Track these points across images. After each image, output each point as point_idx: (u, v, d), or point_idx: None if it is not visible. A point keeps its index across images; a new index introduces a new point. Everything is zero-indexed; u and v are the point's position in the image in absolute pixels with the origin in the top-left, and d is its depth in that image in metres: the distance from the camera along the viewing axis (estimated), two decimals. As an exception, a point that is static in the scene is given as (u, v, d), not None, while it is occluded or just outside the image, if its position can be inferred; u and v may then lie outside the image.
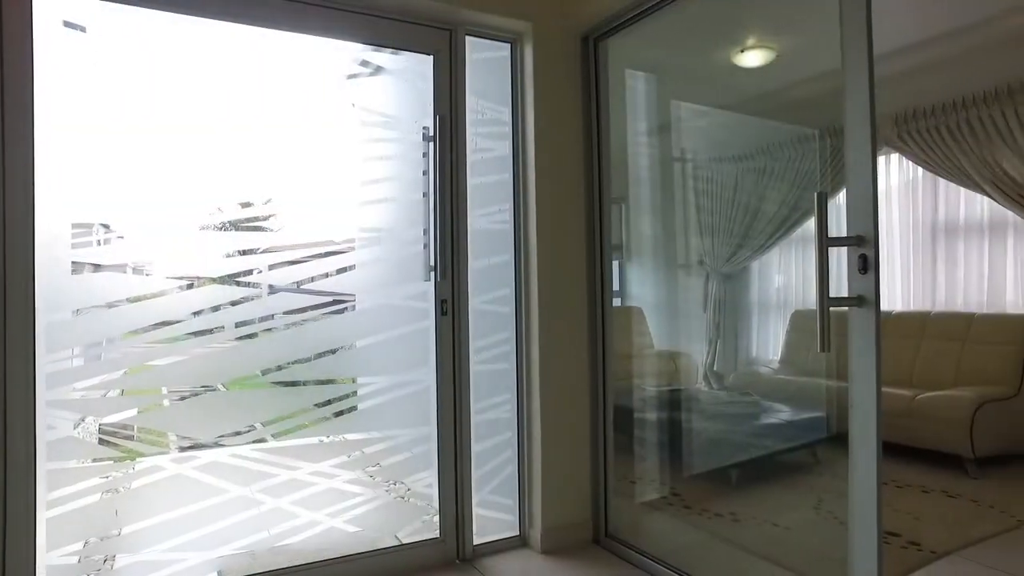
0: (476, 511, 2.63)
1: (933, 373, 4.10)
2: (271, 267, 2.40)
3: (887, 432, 3.99)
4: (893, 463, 3.69)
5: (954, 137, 4.66)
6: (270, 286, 2.38)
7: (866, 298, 1.67)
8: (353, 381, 2.64)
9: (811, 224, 5.26)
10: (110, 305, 2.13)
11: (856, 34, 1.69)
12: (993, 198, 4.47)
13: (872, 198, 1.66)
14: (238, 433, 2.34)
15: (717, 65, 4.60)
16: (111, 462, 2.13)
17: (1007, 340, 3.85)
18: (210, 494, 2.27)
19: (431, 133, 2.54)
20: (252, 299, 2.36)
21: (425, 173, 2.57)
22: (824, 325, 1.67)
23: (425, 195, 2.58)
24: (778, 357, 5.16)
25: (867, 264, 1.66)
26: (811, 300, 5.82)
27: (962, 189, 4.70)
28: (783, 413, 3.69)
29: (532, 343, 2.66)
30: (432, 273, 2.54)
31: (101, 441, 2.12)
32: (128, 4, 2.11)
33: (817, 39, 4.49)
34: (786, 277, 6.12)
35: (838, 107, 1.80)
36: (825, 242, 1.67)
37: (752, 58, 4.39)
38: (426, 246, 2.56)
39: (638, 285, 7.94)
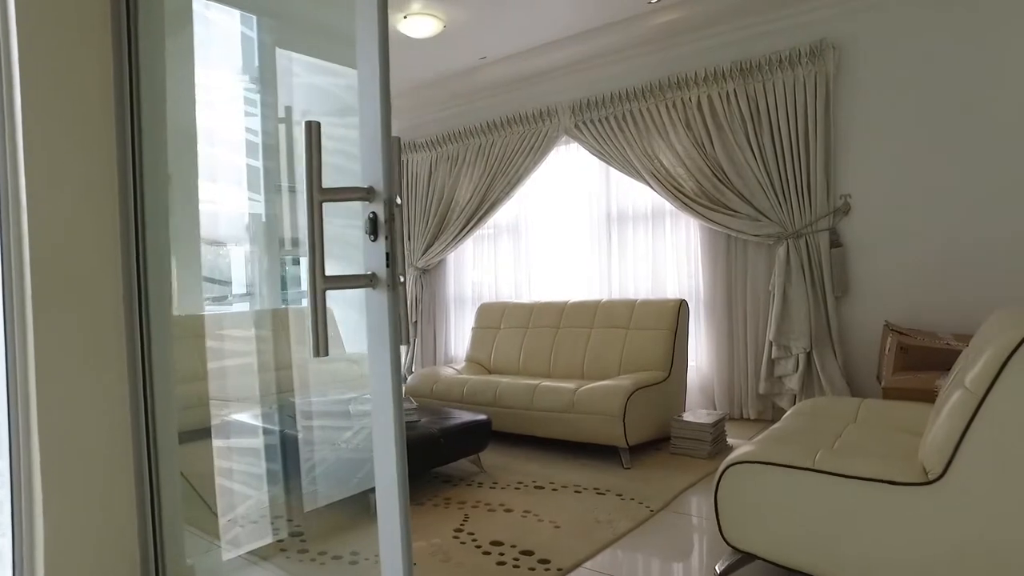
0: (-70, 624, 1.72)
1: (601, 363, 4.05)
2: None
3: (554, 429, 3.81)
4: (557, 462, 3.49)
5: (621, 128, 4.74)
6: None
7: (378, 276, 1.19)
8: None
9: (501, 214, 4.90)
10: None
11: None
12: (653, 188, 4.61)
13: (383, 143, 1.18)
14: None
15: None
16: None
17: (661, 325, 3.90)
18: None
19: None
20: None
21: None
22: (318, 318, 1.14)
23: None
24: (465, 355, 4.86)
25: (378, 226, 1.18)
26: (504, 292, 5.66)
27: (632, 180, 4.81)
28: (452, 418, 3.29)
29: (27, 364, 1.83)
30: None
31: None
32: None
33: (482, 12, 4.23)
34: (480, 270, 5.91)
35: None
36: (317, 195, 1.15)
37: (418, 27, 3.97)
38: None
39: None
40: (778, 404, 4.21)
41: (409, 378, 4.37)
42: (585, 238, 5.14)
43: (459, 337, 5.91)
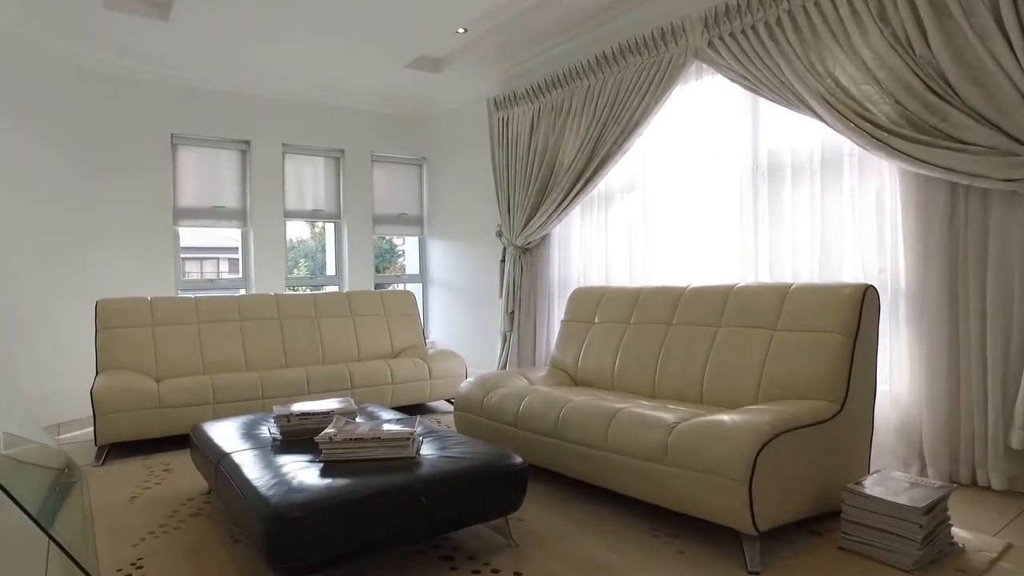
0: None
1: (729, 381, 2.63)
2: None
3: (635, 485, 1.92)
4: (633, 542, 2.16)
5: (774, 37, 3.23)
6: None
7: None
8: None
9: (613, 175, 3.46)
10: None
11: None
12: (824, 120, 3.06)
13: None
14: None
15: None
16: None
17: (831, 326, 2.41)
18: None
19: None
20: None
21: None
22: None
23: None
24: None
25: None
26: (617, 276, 4.36)
27: (791, 113, 3.29)
28: (467, 457, 2.11)
29: None
30: None
31: None
32: None
33: None
34: (588, 248, 4.63)
35: None
36: None
37: None
38: None
39: (433, 265, 6.30)
40: (1043, 465, 2.51)
41: (461, 384, 3.24)
42: (723, 201, 3.68)
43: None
